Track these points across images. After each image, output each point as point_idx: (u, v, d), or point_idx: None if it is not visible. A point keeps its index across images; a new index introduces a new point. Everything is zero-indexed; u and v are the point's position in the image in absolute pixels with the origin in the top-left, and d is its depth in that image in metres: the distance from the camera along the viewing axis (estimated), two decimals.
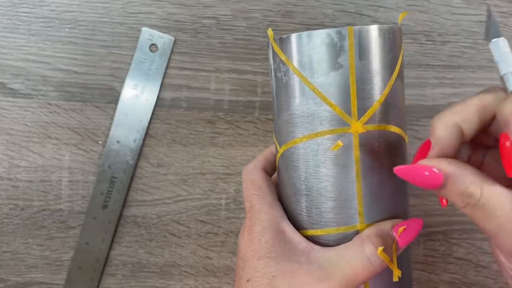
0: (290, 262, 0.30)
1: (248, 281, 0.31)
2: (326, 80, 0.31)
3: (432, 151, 0.28)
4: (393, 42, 0.32)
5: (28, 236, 0.45)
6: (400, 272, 0.31)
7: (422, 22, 0.45)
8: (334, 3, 0.45)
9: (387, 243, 0.30)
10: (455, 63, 0.45)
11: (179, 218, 0.45)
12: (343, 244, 0.31)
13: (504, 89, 0.27)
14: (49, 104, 0.44)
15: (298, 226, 0.33)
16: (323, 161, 0.32)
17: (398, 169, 0.28)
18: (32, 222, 0.45)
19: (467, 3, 0.45)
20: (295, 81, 0.32)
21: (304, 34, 0.32)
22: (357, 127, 0.31)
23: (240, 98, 0.45)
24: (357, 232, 0.32)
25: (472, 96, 0.28)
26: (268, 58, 0.34)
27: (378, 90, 0.31)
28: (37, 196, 0.45)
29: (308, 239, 0.32)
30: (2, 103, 0.44)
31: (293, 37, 0.32)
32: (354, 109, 0.31)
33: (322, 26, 0.44)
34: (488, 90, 0.28)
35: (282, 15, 0.44)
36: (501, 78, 0.27)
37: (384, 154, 0.32)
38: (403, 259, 0.33)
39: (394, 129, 0.32)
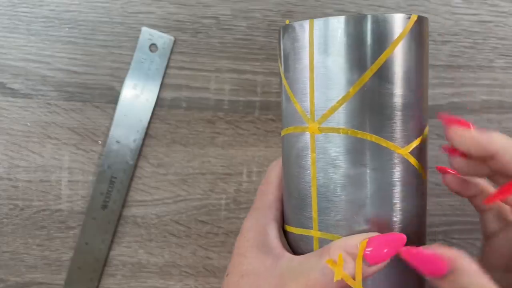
0: (260, 265, 0.30)
1: (227, 275, 0.32)
2: (294, 75, 0.30)
3: None
4: (368, 34, 0.28)
5: (28, 236, 0.45)
6: None
7: None
8: (334, 3, 0.45)
9: (350, 257, 0.28)
10: (455, 63, 0.45)
11: (179, 218, 0.45)
12: (311, 253, 0.30)
13: None
14: (49, 104, 0.44)
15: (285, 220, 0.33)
16: (289, 158, 0.31)
17: (404, 252, 0.28)
18: (31, 222, 0.45)
19: (467, 3, 0.45)
20: (280, 76, 0.32)
21: (281, 27, 0.30)
22: (313, 127, 0.29)
23: (240, 98, 0.45)
24: (312, 238, 0.30)
25: None
26: None
27: (342, 89, 0.28)
28: (36, 196, 0.45)
29: (290, 236, 0.32)
30: (1, 103, 0.44)
31: (279, 29, 0.31)
32: (312, 108, 0.29)
33: None
34: None
35: (282, 15, 0.44)
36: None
37: (343, 161, 0.29)
38: (385, 280, 0.30)
39: (363, 135, 0.28)
